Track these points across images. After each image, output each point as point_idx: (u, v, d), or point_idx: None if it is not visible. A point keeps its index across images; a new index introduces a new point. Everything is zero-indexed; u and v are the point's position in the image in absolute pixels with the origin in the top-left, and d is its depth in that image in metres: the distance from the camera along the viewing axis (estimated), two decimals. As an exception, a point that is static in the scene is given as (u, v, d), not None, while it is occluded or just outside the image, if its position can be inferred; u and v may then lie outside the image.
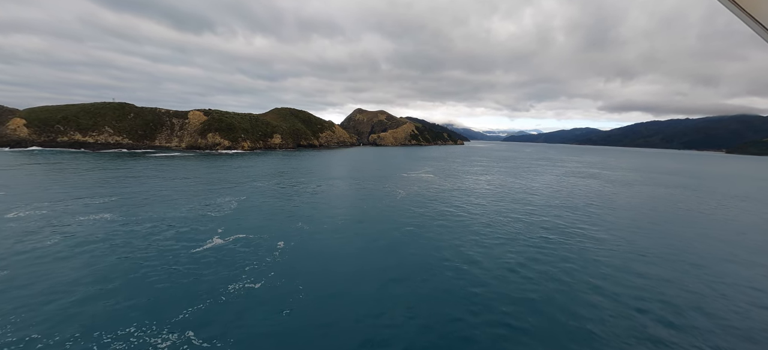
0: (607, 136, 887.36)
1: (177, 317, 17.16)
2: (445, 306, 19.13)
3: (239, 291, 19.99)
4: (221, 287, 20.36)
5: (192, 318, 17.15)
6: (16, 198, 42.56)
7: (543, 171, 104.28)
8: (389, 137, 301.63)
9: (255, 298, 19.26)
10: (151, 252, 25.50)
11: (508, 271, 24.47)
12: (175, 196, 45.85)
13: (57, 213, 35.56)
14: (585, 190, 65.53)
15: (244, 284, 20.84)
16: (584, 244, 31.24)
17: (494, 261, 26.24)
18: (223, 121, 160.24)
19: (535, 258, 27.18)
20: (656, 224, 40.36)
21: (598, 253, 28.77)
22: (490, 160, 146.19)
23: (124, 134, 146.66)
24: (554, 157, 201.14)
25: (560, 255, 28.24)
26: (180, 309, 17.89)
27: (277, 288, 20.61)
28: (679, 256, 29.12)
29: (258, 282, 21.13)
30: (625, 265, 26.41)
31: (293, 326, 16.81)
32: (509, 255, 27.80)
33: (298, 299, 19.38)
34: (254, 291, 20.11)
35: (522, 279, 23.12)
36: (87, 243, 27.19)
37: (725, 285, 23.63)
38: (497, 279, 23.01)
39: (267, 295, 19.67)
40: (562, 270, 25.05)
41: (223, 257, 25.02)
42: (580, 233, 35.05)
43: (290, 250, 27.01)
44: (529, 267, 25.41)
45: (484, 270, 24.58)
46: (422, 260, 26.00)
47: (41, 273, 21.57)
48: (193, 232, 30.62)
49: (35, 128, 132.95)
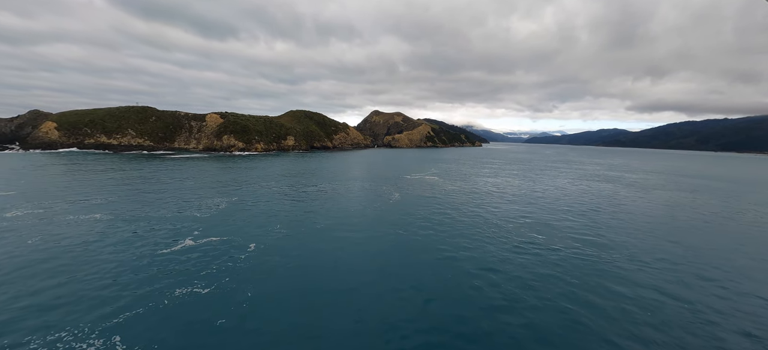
0: (637, 137, 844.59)
1: (107, 316, 16.98)
2: (409, 304, 17.99)
3: (184, 296, 19.67)
4: (167, 291, 20.12)
5: (129, 316, 16.91)
6: (19, 197, 44.81)
7: (556, 173, 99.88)
8: (404, 139, 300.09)
9: (202, 302, 18.86)
10: (122, 248, 25.80)
11: (481, 277, 22.93)
12: (166, 197, 46.85)
13: (51, 213, 36.98)
14: (594, 194, 61.85)
15: (192, 289, 20.53)
16: (571, 249, 29.02)
17: (463, 270, 24.73)
18: (238, 124, 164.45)
19: (509, 264, 25.40)
20: (660, 230, 37.15)
21: (582, 258, 26.56)
22: (503, 162, 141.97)
23: (146, 136, 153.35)
24: (574, 159, 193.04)
25: (543, 259, 26.29)
26: (115, 308, 17.73)
27: (231, 290, 20.15)
28: (668, 266, 26.45)
29: (208, 288, 20.76)
30: (605, 273, 24.17)
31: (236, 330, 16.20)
32: (488, 259, 26.16)
33: (250, 305, 18.80)
34: (202, 296, 19.73)
35: (488, 286, 21.56)
36: (62, 239, 27.91)
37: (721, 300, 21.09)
38: (455, 287, 21.57)
39: (216, 297, 19.23)
40: (536, 275, 23.22)
41: (187, 259, 24.92)
42: (571, 236, 32.70)
43: (255, 254, 26.60)
44: (502, 273, 23.73)
45: (453, 275, 23.16)
46: (391, 265, 24.88)
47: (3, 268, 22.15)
48: (169, 232, 30.87)
49: (65, 131, 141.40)
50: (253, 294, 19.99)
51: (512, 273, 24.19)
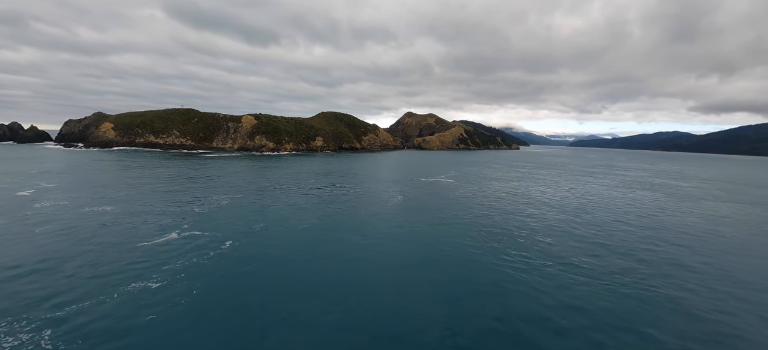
0: (702, 141, 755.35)
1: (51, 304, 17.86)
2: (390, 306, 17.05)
3: (135, 289, 20.25)
4: (122, 284, 20.88)
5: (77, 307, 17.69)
6: (55, 189, 49.91)
7: (591, 179, 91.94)
8: (435, 141, 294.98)
9: (147, 297, 19.32)
10: (109, 239, 27.46)
11: (453, 283, 21.18)
12: (178, 192, 49.61)
13: (72, 205, 40.65)
14: (625, 202, 55.66)
15: (146, 283, 21.11)
16: (554, 262, 25.93)
17: (443, 275, 23.02)
18: (270, 125, 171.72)
19: (481, 273, 23.22)
20: (691, 247, 32.16)
21: (557, 270, 23.53)
22: (534, 167, 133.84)
23: (188, 136, 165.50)
24: (618, 164, 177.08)
25: (517, 270, 23.75)
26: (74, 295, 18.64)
27: (179, 287, 20.46)
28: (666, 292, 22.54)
29: (160, 282, 21.24)
30: (574, 287, 21.11)
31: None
32: (469, 263, 24.20)
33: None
34: (151, 290, 20.20)
35: (456, 290, 19.78)
36: (64, 230, 30.35)
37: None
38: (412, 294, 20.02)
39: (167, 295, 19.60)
40: (501, 287, 20.93)
41: (157, 253, 25.86)
42: (559, 253, 29.34)
43: (225, 251, 26.95)
44: (471, 282, 21.74)
45: (421, 285, 21.65)
46: (368, 269, 23.90)
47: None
48: (160, 226, 32.42)
49: (120, 131, 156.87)
50: (198, 291, 20.09)
51: (480, 284, 22.09)
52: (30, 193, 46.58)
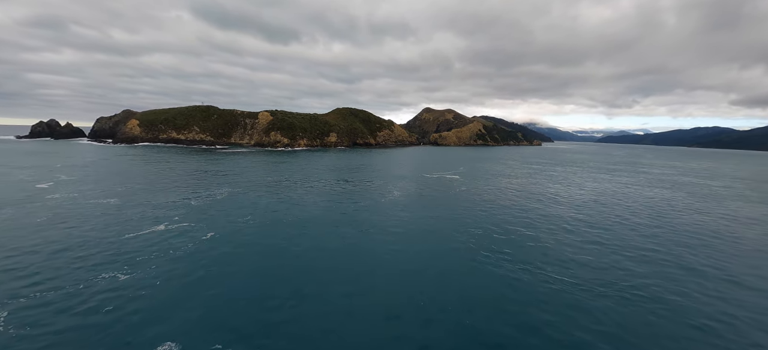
0: (745, 137, 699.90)
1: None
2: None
3: (104, 279, 21.11)
4: (92, 273, 21.82)
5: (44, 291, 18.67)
6: (73, 181, 53.02)
7: (609, 177, 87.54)
8: (452, 137, 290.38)
9: (112, 288, 20.10)
10: (98, 229, 28.85)
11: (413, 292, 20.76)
12: (180, 185, 51.43)
13: (81, 197, 43.04)
14: (637, 201, 52.50)
15: (116, 273, 21.94)
16: (532, 265, 24.73)
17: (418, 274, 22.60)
18: (285, 121, 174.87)
19: (443, 275, 22.52)
20: (697, 250, 29.86)
21: (529, 274, 22.37)
22: (551, 163, 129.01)
23: (208, 132, 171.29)
24: (644, 161, 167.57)
25: (491, 271, 22.87)
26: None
27: (147, 277, 21.17)
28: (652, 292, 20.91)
29: (129, 274, 22.02)
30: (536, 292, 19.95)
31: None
32: (436, 266, 23.65)
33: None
34: (119, 281, 21.00)
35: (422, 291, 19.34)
36: (65, 219, 32.15)
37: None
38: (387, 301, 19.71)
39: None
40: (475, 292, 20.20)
41: (138, 244, 26.87)
42: (543, 251, 27.95)
43: (204, 243, 27.63)
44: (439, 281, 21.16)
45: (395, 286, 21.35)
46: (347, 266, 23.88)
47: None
48: (152, 218, 33.71)
49: (145, 127, 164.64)
50: (161, 282, 20.68)
51: (449, 283, 21.44)
52: (48, 186, 49.72)
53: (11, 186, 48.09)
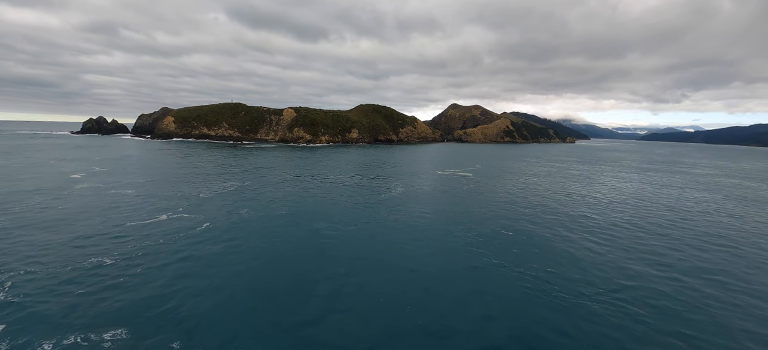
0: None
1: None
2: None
3: (92, 264, 22.84)
4: (82, 257, 23.65)
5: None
6: (102, 173, 57.64)
7: (639, 177, 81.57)
8: (477, 133, 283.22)
9: (95, 272, 21.75)
10: (105, 218, 31.27)
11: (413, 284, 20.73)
12: (196, 178, 54.32)
13: (105, 187, 46.77)
14: (661, 204, 48.50)
15: (102, 259, 23.66)
16: (498, 268, 23.61)
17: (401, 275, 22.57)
18: (308, 117, 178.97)
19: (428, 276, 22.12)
20: (723, 257, 27.18)
21: (514, 273, 21.31)
22: (578, 161, 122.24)
23: (236, 128, 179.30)
24: (687, 160, 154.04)
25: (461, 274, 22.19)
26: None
27: (132, 264, 22.69)
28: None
29: (116, 259, 23.66)
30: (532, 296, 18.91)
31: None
32: (418, 267, 23.41)
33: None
34: (105, 266, 22.65)
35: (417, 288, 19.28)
36: (83, 207, 35.11)
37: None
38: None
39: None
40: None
41: (135, 233, 28.77)
42: (529, 254, 26.59)
43: (197, 234, 29.05)
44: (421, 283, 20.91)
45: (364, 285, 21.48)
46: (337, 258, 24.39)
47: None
48: (159, 208, 35.98)
49: (179, 124, 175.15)
50: (143, 269, 22.06)
51: (429, 283, 21.12)
52: (80, 176, 54.47)
53: (51, 177, 53.17)
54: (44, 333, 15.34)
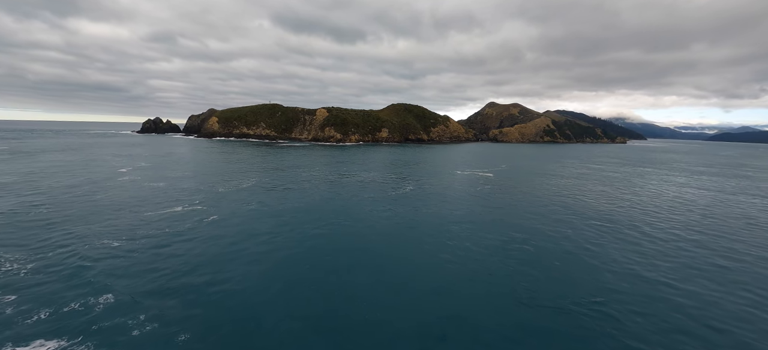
0: None
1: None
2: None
3: (97, 246, 25.82)
4: (90, 238, 26.77)
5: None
6: (142, 168, 64.13)
7: (687, 180, 73.62)
8: (514, 133, 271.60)
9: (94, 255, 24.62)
10: (130, 208, 35.05)
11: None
12: (220, 173, 58.49)
13: (141, 179, 52.11)
14: (695, 208, 43.57)
15: (111, 241, 26.59)
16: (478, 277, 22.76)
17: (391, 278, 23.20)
18: (339, 117, 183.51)
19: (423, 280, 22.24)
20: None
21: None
22: (620, 163, 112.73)
23: (272, 128, 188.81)
24: (756, 163, 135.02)
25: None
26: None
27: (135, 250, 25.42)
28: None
29: (121, 240, 26.52)
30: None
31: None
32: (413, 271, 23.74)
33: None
34: (112, 248, 25.54)
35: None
36: (116, 196, 39.59)
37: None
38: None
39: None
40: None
41: (146, 222, 31.92)
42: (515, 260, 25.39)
43: (211, 224, 31.57)
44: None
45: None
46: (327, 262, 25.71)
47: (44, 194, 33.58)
48: (176, 201, 39.49)
49: (222, 124, 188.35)
50: (145, 253, 24.57)
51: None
52: (126, 171, 61.09)
53: (102, 171, 60.30)
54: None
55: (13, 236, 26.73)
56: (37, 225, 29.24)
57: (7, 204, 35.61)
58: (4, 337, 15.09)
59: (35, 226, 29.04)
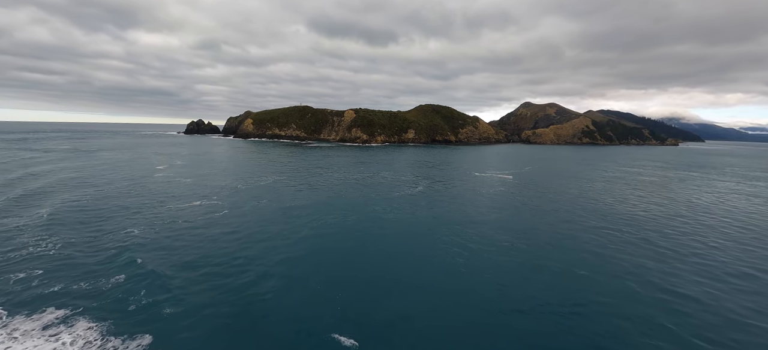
0: None
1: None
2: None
3: (114, 231, 28.79)
4: (107, 229, 29.84)
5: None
6: (179, 166, 69.68)
7: (735, 185, 66.58)
8: (550, 134, 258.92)
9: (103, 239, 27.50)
10: (155, 201, 38.60)
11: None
12: (240, 171, 62.12)
13: (172, 175, 56.84)
14: (735, 219, 39.49)
15: (127, 230, 29.52)
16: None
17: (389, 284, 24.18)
18: (366, 118, 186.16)
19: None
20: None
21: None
22: (663, 167, 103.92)
23: (302, 129, 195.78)
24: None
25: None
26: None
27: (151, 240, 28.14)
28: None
29: (138, 228, 29.37)
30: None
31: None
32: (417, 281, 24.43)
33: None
34: (131, 235, 28.42)
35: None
36: (145, 189, 43.69)
37: None
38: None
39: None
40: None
41: (164, 213, 34.95)
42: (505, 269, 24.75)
43: (220, 217, 34.10)
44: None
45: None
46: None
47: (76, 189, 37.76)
48: (196, 195, 42.77)
49: (256, 125, 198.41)
50: (156, 243, 27.15)
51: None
52: (163, 168, 66.85)
53: (142, 167, 66.49)
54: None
55: (53, 224, 30.71)
56: (72, 216, 33.29)
57: (54, 197, 40.74)
58: (37, 301, 17.71)
59: (70, 219, 33.07)
